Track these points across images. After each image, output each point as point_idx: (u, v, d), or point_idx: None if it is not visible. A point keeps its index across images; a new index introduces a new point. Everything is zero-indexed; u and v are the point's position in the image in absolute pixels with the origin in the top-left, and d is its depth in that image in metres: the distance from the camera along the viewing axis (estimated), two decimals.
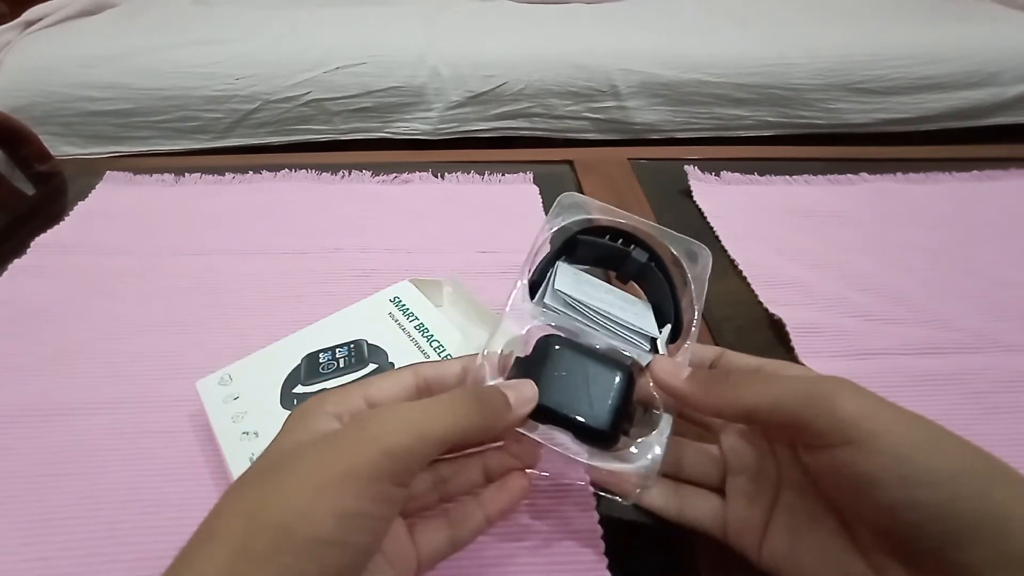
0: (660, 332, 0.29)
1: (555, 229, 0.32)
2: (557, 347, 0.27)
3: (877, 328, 0.42)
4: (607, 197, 0.56)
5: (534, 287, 0.31)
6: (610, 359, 0.27)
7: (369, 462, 0.20)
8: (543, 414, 0.25)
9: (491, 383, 0.25)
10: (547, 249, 0.32)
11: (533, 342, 0.28)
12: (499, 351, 0.27)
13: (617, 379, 0.26)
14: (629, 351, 0.28)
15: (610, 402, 0.25)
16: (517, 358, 0.27)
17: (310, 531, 0.19)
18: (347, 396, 0.24)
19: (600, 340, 0.29)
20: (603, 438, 0.25)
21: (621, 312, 0.29)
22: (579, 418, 0.25)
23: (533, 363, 0.26)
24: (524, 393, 0.25)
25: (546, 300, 0.30)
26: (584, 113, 1.33)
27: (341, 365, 0.35)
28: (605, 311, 0.29)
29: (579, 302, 0.29)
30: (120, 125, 1.25)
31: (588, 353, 0.27)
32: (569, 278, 0.31)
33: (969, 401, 0.37)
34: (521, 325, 0.29)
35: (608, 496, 0.27)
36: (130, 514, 0.30)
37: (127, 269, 0.46)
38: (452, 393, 0.24)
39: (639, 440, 0.25)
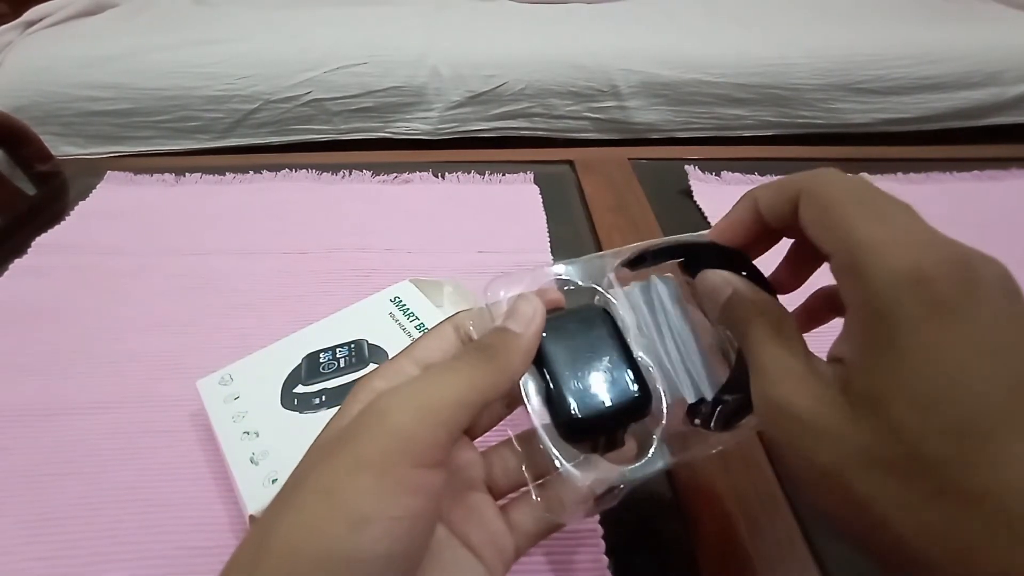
0: (708, 399, 0.24)
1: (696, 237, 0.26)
2: (601, 324, 0.24)
3: None
4: (607, 197, 0.57)
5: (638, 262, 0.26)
6: (640, 376, 0.23)
7: (378, 448, 0.17)
8: (539, 357, 0.22)
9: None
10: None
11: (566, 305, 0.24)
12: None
13: (632, 396, 0.22)
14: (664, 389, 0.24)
15: (605, 405, 0.22)
16: (554, 310, 0.24)
17: (321, 547, 0.16)
18: (394, 366, 0.21)
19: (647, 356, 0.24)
20: (568, 423, 0.22)
21: (687, 353, 0.25)
22: (563, 385, 0.22)
23: (566, 321, 0.23)
24: (523, 313, 0.22)
25: (632, 288, 0.26)
26: (584, 113, 1.33)
27: (341, 365, 0.35)
28: (678, 340, 0.25)
29: (666, 311, 0.25)
30: (121, 125, 1.25)
31: (624, 354, 0.23)
32: (667, 289, 0.26)
33: None
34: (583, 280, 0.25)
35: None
36: (130, 514, 0.30)
37: (127, 269, 0.46)
38: (456, 354, 0.21)
39: (590, 463, 0.22)
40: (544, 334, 0.22)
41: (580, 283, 0.25)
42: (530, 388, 0.22)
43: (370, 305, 0.39)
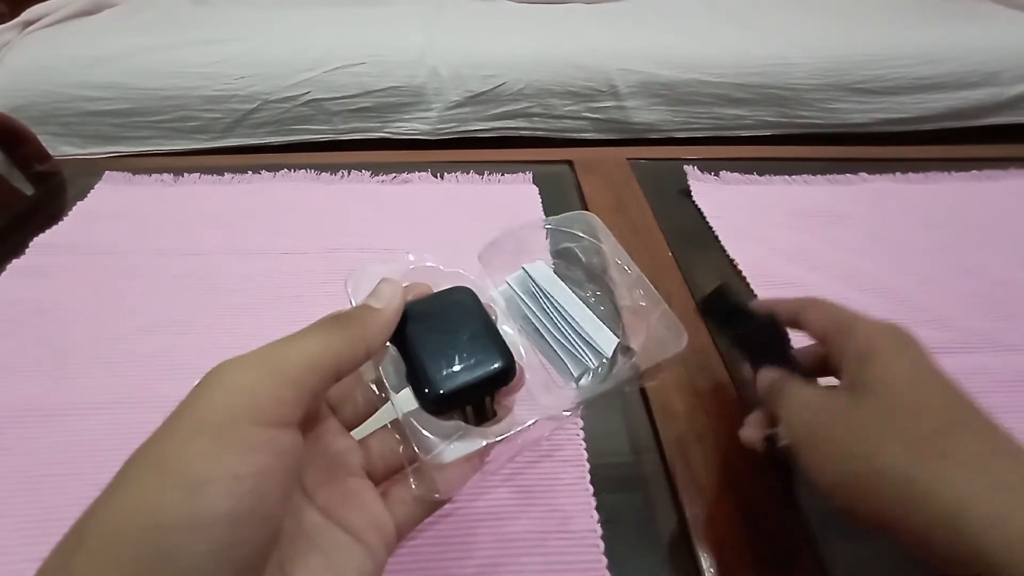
0: (608, 348, 0.28)
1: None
2: (465, 302, 0.25)
3: None
4: (607, 197, 0.57)
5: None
6: (503, 346, 0.24)
7: (215, 408, 0.17)
8: (401, 341, 0.23)
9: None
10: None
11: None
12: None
13: (494, 365, 0.23)
14: (567, 362, 0.28)
15: (467, 377, 0.22)
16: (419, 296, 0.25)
17: (150, 519, 0.15)
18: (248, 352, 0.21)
19: (540, 340, 0.28)
20: (431, 399, 0.22)
21: (582, 321, 0.28)
22: (424, 362, 0.23)
23: (431, 304, 0.24)
24: (383, 292, 0.23)
25: (509, 279, 0.30)
26: (583, 113, 1.33)
27: None
28: (567, 312, 0.28)
29: (545, 293, 0.29)
30: (119, 125, 1.25)
31: (486, 326, 0.24)
32: (543, 271, 0.31)
33: None
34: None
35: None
36: None
37: (126, 269, 0.46)
38: (311, 324, 0.22)
39: (458, 436, 0.23)
40: (408, 320, 0.23)
41: (443, 268, 0.28)
42: (392, 375, 0.23)
43: None
